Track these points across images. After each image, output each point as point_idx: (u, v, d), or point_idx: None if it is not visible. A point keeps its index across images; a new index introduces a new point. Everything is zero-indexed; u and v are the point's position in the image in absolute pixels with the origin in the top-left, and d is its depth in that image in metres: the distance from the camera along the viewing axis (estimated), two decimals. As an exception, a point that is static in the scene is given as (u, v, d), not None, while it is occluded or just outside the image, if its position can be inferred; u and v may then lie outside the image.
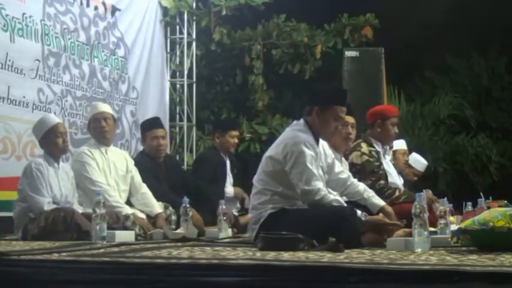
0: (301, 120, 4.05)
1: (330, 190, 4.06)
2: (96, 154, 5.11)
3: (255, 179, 4.01)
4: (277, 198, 3.87)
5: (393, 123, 5.18)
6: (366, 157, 4.98)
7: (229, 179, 6.32)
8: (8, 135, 5.81)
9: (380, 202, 4.10)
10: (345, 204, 3.91)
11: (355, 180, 4.24)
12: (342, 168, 4.28)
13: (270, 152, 3.99)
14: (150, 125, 5.89)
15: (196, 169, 6.43)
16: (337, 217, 3.65)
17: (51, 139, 4.83)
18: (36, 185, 4.65)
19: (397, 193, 4.92)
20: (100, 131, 5.19)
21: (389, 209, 4.06)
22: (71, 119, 6.71)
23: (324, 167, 4.09)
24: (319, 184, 3.82)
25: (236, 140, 6.45)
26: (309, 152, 3.82)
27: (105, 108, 5.39)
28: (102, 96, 7.21)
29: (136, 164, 5.50)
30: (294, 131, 3.99)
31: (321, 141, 4.12)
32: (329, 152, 4.21)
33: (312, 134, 3.97)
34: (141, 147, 7.69)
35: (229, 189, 6.25)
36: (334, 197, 3.92)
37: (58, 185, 4.78)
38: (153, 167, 5.63)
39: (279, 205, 3.84)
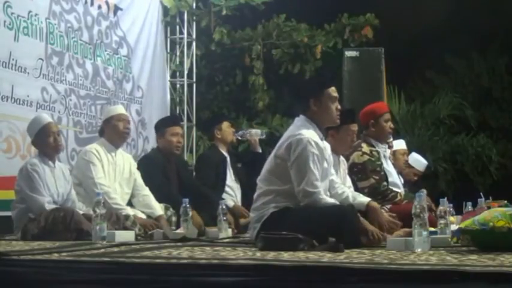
0: (302, 116, 4.00)
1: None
2: (104, 155, 5.09)
3: (260, 179, 3.98)
4: (280, 199, 3.84)
5: (386, 119, 5.19)
6: (367, 156, 4.99)
7: (230, 174, 6.28)
8: (12, 135, 5.79)
9: (365, 199, 4.15)
10: None
11: (339, 183, 4.32)
12: (333, 170, 4.27)
13: (276, 151, 3.95)
14: (171, 121, 6.00)
15: (198, 169, 6.43)
16: (337, 216, 3.65)
17: (43, 138, 4.79)
18: (34, 185, 4.63)
19: (398, 197, 4.96)
20: (123, 132, 5.20)
21: (374, 204, 4.11)
22: (75, 118, 6.71)
23: (330, 162, 4.08)
24: (320, 187, 3.81)
25: (233, 129, 6.45)
26: (312, 151, 3.79)
27: (125, 111, 5.47)
28: (107, 95, 7.21)
29: (149, 160, 5.58)
30: (298, 127, 3.93)
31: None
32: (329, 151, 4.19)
33: (316, 128, 3.95)
34: (147, 146, 7.72)
35: (230, 183, 6.22)
36: (332, 200, 3.91)
37: (55, 185, 4.76)
38: (165, 165, 5.65)
39: (281, 204, 3.82)
